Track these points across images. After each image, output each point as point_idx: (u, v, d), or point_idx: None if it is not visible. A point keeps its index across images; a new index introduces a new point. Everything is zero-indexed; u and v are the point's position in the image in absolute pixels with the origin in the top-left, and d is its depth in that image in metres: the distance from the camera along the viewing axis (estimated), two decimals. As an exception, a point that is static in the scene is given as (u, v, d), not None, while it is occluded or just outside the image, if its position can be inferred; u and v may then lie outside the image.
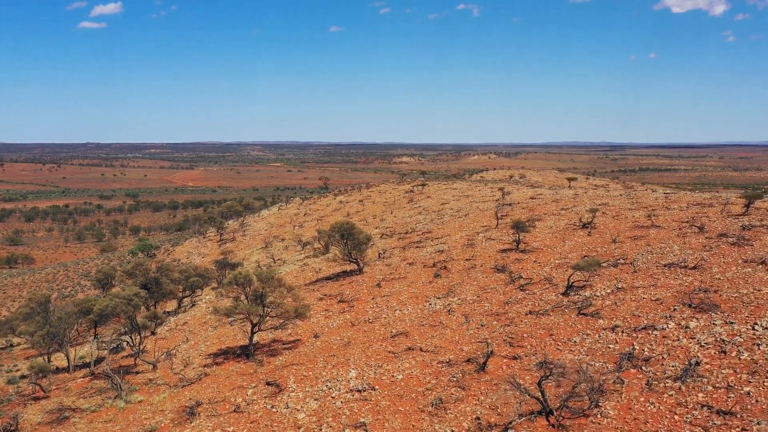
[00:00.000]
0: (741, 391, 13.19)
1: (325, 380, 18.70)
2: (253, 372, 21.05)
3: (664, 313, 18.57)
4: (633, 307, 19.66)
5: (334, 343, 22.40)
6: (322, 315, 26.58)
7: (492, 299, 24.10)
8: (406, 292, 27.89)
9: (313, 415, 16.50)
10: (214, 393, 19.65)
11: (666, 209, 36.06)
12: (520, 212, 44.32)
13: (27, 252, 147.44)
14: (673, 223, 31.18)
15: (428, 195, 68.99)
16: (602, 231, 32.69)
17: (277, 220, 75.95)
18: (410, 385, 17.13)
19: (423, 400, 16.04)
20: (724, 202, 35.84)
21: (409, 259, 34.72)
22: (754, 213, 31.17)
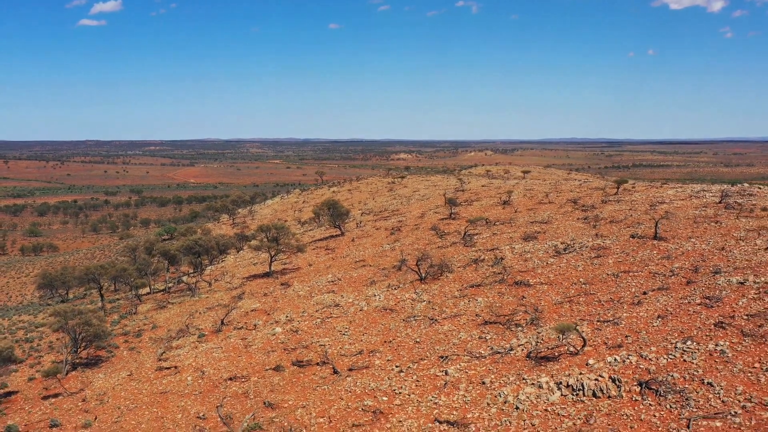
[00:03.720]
0: (528, 267, 27.77)
1: (314, 280, 33.31)
2: (272, 281, 35.64)
3: (508, 243, 33.15)
4: (494, 241, 34.23)
5: (320, 267, 37.04)
6: (314, 255, 41.26)
7: (420, 243, 38.62)
8: (369, 243, 42.49)
9: (308, 291, 31.09)
10: (251, 291, 34.24)
11: (570, 192, 50.49)
12: (468, 195, 58.80)
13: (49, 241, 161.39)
14: (562, 200, 45.70)
15: (405, 185, 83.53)
16: (514, 206, 47.15)
17: (281, 207, 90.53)
18: (360, 277, 31.74)
19: (365, 282, 30.62)
20: (604, 186, 50.51)
21: (377, 227, 49.27)
22: (621, 193, 45.73)
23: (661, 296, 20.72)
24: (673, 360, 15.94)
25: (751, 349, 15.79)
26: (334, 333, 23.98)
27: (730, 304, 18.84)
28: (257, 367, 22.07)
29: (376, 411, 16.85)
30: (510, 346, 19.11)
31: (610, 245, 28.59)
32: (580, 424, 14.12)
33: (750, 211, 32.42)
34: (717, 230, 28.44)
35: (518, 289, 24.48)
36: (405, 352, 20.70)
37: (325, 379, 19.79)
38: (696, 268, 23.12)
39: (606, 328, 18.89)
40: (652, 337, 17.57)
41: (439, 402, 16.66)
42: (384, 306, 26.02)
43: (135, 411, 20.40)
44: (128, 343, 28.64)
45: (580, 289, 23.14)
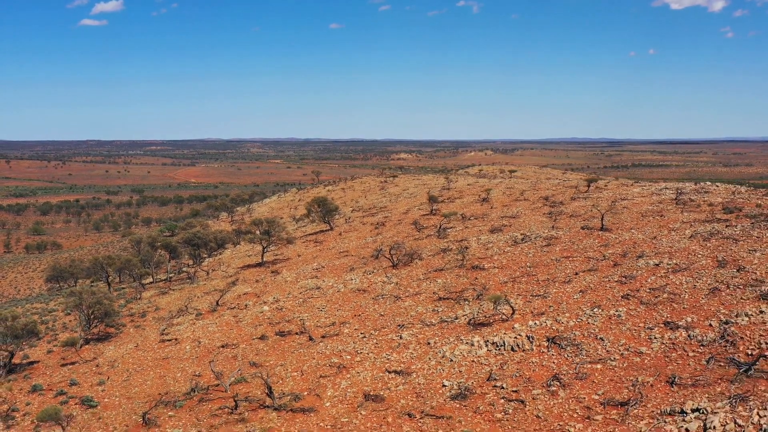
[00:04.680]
0: (487, 255, 31.47)
1: (301, 268, 37.01)
2: (264, 270, 39.35)
3: (476, 235, 36.80)
4: (465, 234, 37.88)
5: (308, 257, 40.75)
6: (303, 247, 44.97)
7: (399, 236, 42.28)
8: (354, 236, 46.17)
9: (294, 277, 34.80)
10: (244, 278, 37.93)
11: (546, 190, 54.10)
12: (452, 194, 62.47)
13: (53, 239, 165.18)
14: (536, 198, 49.34)
15: (396, 184, 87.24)
16: (491, 203, 50.79)
17: (277, 205, 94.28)
18: (341, 265, 35.43)
19: (345, 269, 34.32)
20: (573, 184, 54.15)
21: (364, 222, 52.96)
22: (592, 191, 49.35)
23: (589, 276, 24.40)
24: (579, 323, 19.63)
25: (642, 313, 19.47)
26: (313, 310, 27.67)
27: (640, 281, 22.51)
28: (245, 337, 25.76)
29: (340, 366, 20.54)
30: (456, 316, 22.80)
31: (561, 236, 32.25)
32: (495, 370, 17.80)
33: (697, 206, 36.02)
34: (657, 222, 32.09)
35: (474, 272, 28.14)
36: (370, 322, 24.39)
37: (302, 345, 23.47)
38: (625, 253, 26.79)
39: (535, 301, 22.58)
40: (569, 306, 21.25)
41: (390, 358, 20.34)
42: (358, 288, 29.72)
43: (141, 372, 24.10)
44: (134, 323, 32.32)
45: (525, 272, 26.81)
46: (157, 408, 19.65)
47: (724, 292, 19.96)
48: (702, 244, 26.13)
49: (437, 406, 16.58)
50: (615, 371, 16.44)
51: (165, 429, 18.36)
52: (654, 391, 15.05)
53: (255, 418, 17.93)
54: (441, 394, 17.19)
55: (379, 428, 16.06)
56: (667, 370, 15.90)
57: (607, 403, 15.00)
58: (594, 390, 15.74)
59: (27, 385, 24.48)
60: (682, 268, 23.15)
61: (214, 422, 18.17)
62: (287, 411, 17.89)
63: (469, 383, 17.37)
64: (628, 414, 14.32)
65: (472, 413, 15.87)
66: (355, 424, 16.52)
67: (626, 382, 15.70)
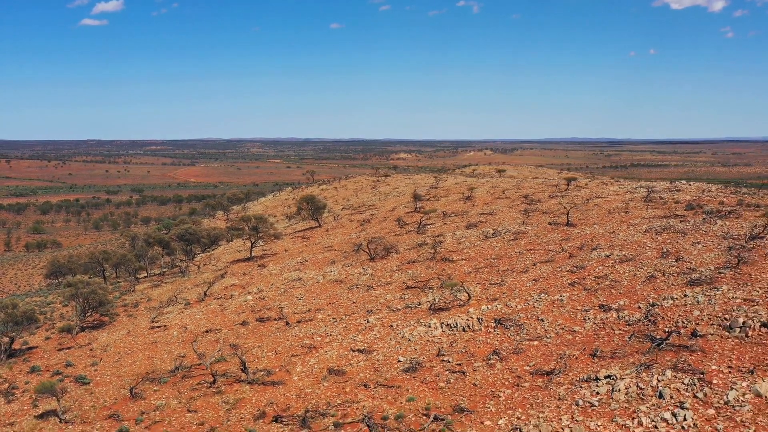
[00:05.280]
0: (458, 248, 33.48)
1: (286, 262, 39.05)
2: (252, 264, 41.39)
3: (452, 231, 38.80)
4: (443, 229, 39.89)
5: (294, 252, 42.78)
6: (291, 243, 47.01)
7: (382, 232, 44.29)
8: (340, 232, 48.19)
9: (279, 270, 36.84)
10: (233, 271, 39.97)
11: (528, 188, 56.07)
12: (439, 192, 64.45)
13: (53, 238, 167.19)
14: (517, 196, 51.34)
15: (388, 183, 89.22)
16: (474, 200, 52.78)
17: (272, 204, 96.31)
18: (324, 259, 37.48)
19: (327, 262, 36.35)
20: (554, 183, 56.14)
21: (351, 219, 54.96)
22: (571, 190, 51.31)
23: (544, 266, 26.43)
24: (526, 306, 21.66)
25: (582, 298, 21.49)
26: (293, 298, 29.71)
27: (589, 270, 24.54)
28: (228, 323, 27.79)
29: (311, 346, 22.57)
30: (419, 302, 24.83)
31: (528, 230, 34.27)
32: (445, 347, 19.83)
33: (664, 203, 38.01)
34: (620, 218, 34.08)
35: (443, 264, 30.16)
36: (342, 309, 26.42)
37: (279, 329, 25.50)
38: (582, 246, 28.80)
39: (492, 288, 24.61)
40: (520, 293, 23.28)
41: (356, 339, 22.37)
42: (336, 279, 31.75)
43: (131, 354, 26.12)
44: (127, 312, 34.35)
45: (489, 263, 28.83)
46: (144, 384, 21.68)
47: (659, 280, 21.99)
48: (653, 237, 28.15)
49: (390, 378, 18.61)
50: (548, 347, 18.47)
51: (150, 401, 20.38)
52: (577, 362, 17.07)
53: (230, 391, 19.96)
54: (395, 368, 19.22)
55: (337, 397, 18.08)
56: (594, 345, 17.91)
57: (536, 372, 17.03)
58: (527, 362, 17.76)
59: (26, 366, 26.51)
60: (629, 258, 25.17)
61: (193, 395, 20.20)
62: (259, 384, 19.92)
63: (420, 358, 19.40)
64: (552, 381, 16.34)
65: (419, 383, 17.90)
66: (317, 393, 18.55)
67: (555, 356, 17.72)
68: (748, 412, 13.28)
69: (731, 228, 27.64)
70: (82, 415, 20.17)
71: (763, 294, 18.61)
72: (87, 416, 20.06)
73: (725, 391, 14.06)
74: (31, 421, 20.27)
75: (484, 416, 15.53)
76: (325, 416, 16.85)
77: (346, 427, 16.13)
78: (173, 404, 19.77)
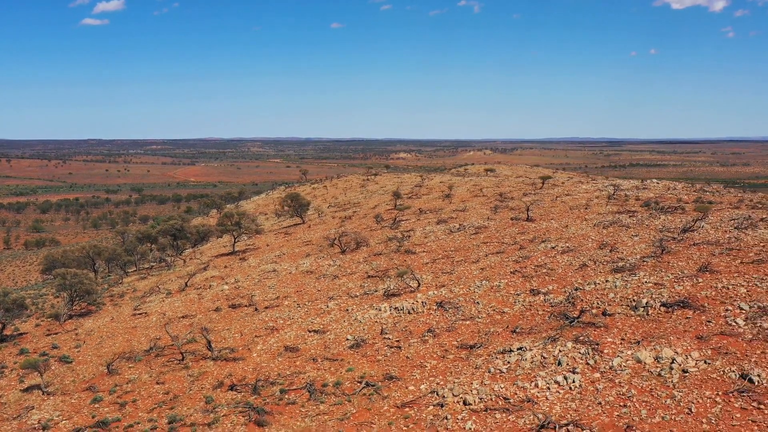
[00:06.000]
0: (424, 242, 35.65)
1: (265, 255, 41.24)
2: (234, 258, 43.57)
3: (423, 226, 40.94)
4: (415, 225, 42.03)
5: (275, 246, 44.97)
6: (273, 238, 49.20)
7: (361, 228, 46.45)
8: (321, 228, 50.37)
9: (257, 263, 39.02)
10: (215, 264, 42.16)
11: (507, 186, 58.18)
12: (423, 190, 66.58)
13: (51, 236, 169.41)
14: (492, 194, 53.48)
15: (377, 182, 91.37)
16: (452, 198, 54.91)
17: (264, 202, 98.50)
18: (300, 252, 39.66)
19: (303, 255, 38.53)
20: (531, 182, 58.31)
21: (334, 216, 57.14)
22: (546, 187, 53.41)
23: (494, 257, 28.58)
24: (467, 292, 23.82)
25: (518, 284, 23.66)
26: (265, 287, 31.90)
27: (532, 260, 26.69)
28: (203, 310, 29.99)
29: (273, 328, 24.76)
30: (376, 289, 27.01)
31: (490, 225, 36.43)
32: (390, 326, 22.00)
33: (625, 200, 40.10)
34: (579, 214, 36.24)
35: (405, 256, 32.33)
36: (307, 296, 28.60)
37: (248, 314, 27.68)
38: (534, 239, 30.95)
39: (442, 276, 26.78)
40: (466, 280, 25.44)
41: (314, 321, 24.55)
42: (307, 270, 33.94)
43: (112, 338, 28.31)
44: (113, 301, 36.54)
45: (446, 255, 30.99)
46: (120, 362, 23.86)
47: (590, 268, 24.15)
48: (599, 231, 30.31)
49: (336, 353, 20.78)
50: (478, 325, 20.63)
51: (124, 376, 22.57)
52: (498, 337, 19.23)
53: (196, 366, 22.14)
54: (343, 345, 21.39)
55: (288, 369, 20.26)
56: (517, 323, 20.07)
57: (461, 346, 19.19)
58: (455, 338, 19.93)
59: (15, 349, 28.71)
60: (570, 249, 27.33)
61: (163, 370, 22.39)
62: (222, 360, 22.10)
63: (365, 337, 21.58)
64: (473, 353, 18.51)
65: (360, 357, 20.07)
66: (271, 367, 20.73)
67: (482, 333, 19.88)
68: (627, 375, 15.43)
69: (671, 222, 29.79)
70: (62, 388, 22.36)
71: (672, 279, 20.77)
72: (67, 389, 22.25)
73: (612, 358, 16.21)
74: (17, 394, 22.45)
75: (409, 382, 17.70)
76: (274, 385, 19.03)
77: (290, 392, 18.30)
78: (144, 378, 21.96)
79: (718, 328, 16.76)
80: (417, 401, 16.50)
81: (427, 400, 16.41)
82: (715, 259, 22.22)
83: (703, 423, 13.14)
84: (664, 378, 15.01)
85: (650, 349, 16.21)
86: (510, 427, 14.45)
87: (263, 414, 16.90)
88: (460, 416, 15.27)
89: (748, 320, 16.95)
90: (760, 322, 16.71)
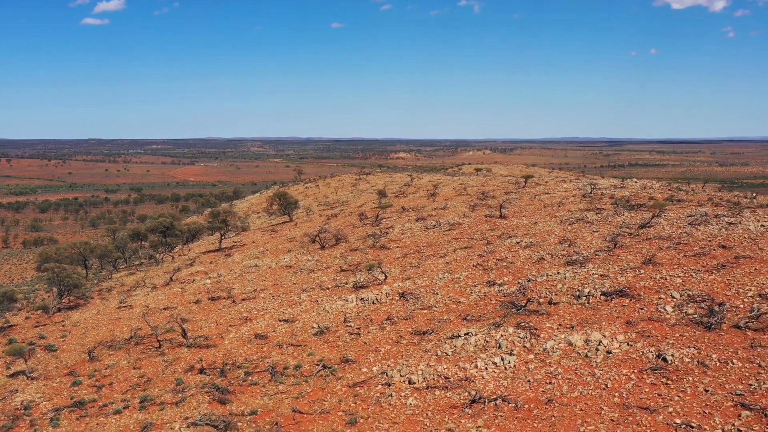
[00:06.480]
0: (399, 238, 37.02)
1: (249, 251, 42.61)
2: (220, 254, 44.96)
3: (402, 223, 42.29)
4: (395, 222, 43.38)
5: (260, 243, 46.36)
6: (260, 235, 50.59)
7: (344, 225, 47.81)
8: (307, 226, 51.74)
9: (241, 258, 40.41)
10: (201, 260, 43.54)
11: (491, 186, 59.48)
12: (411, 189, 67.93)
13: (50, 235, 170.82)
14: (475, 192, 54.83)
15: (368, 181, 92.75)
16: (436, 197, 56.24)
17: (257, 201, 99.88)
18: (283, 248, 41.05)
19: (284, 251, 39.89)
20: (515, 181, 59.69)
21: (321, 214, 58.50)
22: (528, 187, 54.77)
23: (462, 252, 29.93)
24: (429, 283, 25.18)
25: (477, 276, 25.02)
26: (244, 281, 33.28)
27: (495, 254, 28.05)
28: (185, 302, 31.36)
29: (247, 318, 26.14)
30: (347, 282, 28.37)
31: (464, 222, 37.78)
32: (353, 315, 23.37)
33: (599, 198, 41.42)
34: (550, 212, 37.57)
35: (379, 251, 33.70)
36: (283, 289, 29.97)
37: (226, 306, 29.06)
38: (502, 235, 32.31)
39: (410, 270, 28.16)
40: (431, 273, 26.80)
41: (285, 312, 25.92)
42: (287, 264, 35.32)
43: (97, 328, 29.70)
44: (101, 295, 37.92)
45: (418, 250, 32.36)
46: (101, 349, 25.24)
47: (546, 261, 25.51)
48: (564, 227, 31.67)
49: (301, 339, 22.16)
50: (434, 314, 21.99)
51: (104, 362, 23.95)
52: (450, 324, 20.59)
53: (171, 353, 23.52)
54: (308, 333, 22.77)
55: (255, 354, 21.64)
56: (469, 311, 21.43)
57: (414, 332, 20.56)
58: (411, 326, 21.29)
59: (4, 339, 30.08)
60: (532, 244, 28.69)
61: (141, 356, 23.77)
62: (196, 347, 23.48)
63: (330, 325, 22.95)
64: (424, 339, 19.87)
65: (322, 343, 21.45)
66: (240, 353, 22.11)
67: (436, 320, 21.25)
68: (557, 356, 16.79)
69: (633, 219, 31.14)
70: (46, 374, 23.74)
71: (617, 270, 22.14)
72: (50, 374, 23.63)
73: (546, 341, 17.57)
74: (2, 379, 23.83)
75: (363, 365, 19.06)
76: (240, 368, 20.41)
77: (254, 375, 19.68)
78: (122, 364, 23.35)
79: (648, 315, 18.12)
80: (368, 381, 17.86)
81: (377, 380, 17.77)
82: (662, 252, 23.59)
83: (615, 396, 14.50)
84: (589, 358, 16.37)
85: (582, 333, 17.57)
86: (446, 402, 15.80)
87: (226, 393, 18.27)
88: (403, 393, 16.64)
89: (676, 307, 18.32)
90: (686, 308, 18.08)
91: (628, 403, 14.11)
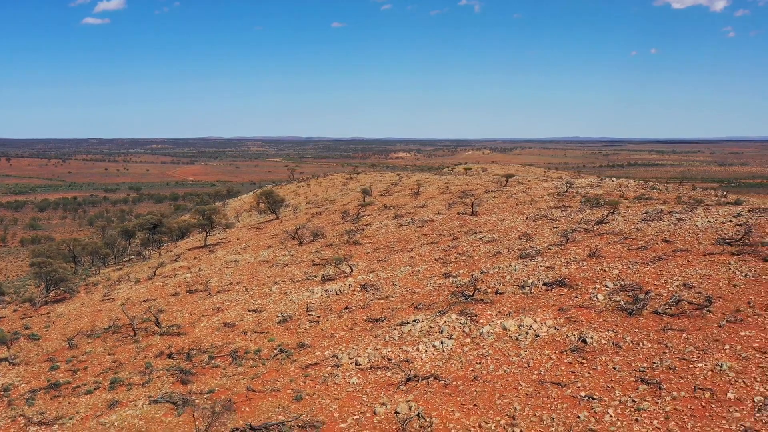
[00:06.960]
0: (374, 234, 38.43)
1: (232, 248, 44.03)
2: (204, 250, 46.38)
3: (380, 220, 43.68)
4: (374, 219, 44.79)
5: (244, 240, 47.80)
6: (245, 232, 52.03)
7: (326, 222, 49.23)
8: (291, 223, 53.16)
9: (223, 254, 41.82)
10: (186, 256, 44.96)
11: (475, 184, 60.83)
12: (397, 188, 69.33)
13: (47, 234, 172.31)
14: (457, 191, 56.22)
15: (358, 180, 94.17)
16: (419, 195, 57.64)
17: (249, 200, 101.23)
18: (264, 244, 42.46)
19: (264, 247, 41.30)
20: (498, 180, 61.13)
21: (307, 212, 59.94)
22: (509, 185, 56.14)
23: (427, 247, 31.35)
24: (390, 276, 26.61)
25: (435, 269, 26.43)
26: (222, 275, 34.71)
27: (458, 248, 29.46)
28: (164, 295, 32.80)
29: (219, 309, 27.57)
30: (316, 275, 29.80)
31: (437, 219, 39.19)
32: (316, 305, 24.80)
33: (573, 197, 42.79)
34: (520, 209, 38.94)
35: (352, 247, 35.13)
36: (257, 282, 31.41)
37: (202, 298, 30.49)
38: (469, 231, 33.71)
39: (376, 263, 29.58)
40: (395, 267, 28.23)
41: (256, 303, 27.35)
42: (264, 260, 36.76)
43: (79, 320, 31.14)
44: (87, 289, 39.37)
45: (388, 245, 33.78)
46: (81, 338, 26.69)
47: (503, 255, 26.92)
48: (528, 224, 33.07)
49: (265, 327, 23.59)
50: (390, 303, 23.42)
51: (82, 349, 25.39)
52: (402, 312, 22.01)
53: (145, 340, 24.96)
54: (272, 321, 24.20)
55: (222, 340, 23.08)
56: (422, 300, 22.85)
57: (369, 320, 21.98)
58: (367, 314, 22.71)
59: (-9, 330, 31.53)
60: (494, 240, 30.10)
61: (116, 344, 25.21)
62: (168, 335, 24.92)
63: (293, 314, 24.39)
64: (376, 325, 21.29)
65: (284, 330, 22.88)
66: (208, 339, 23.55)
67: (390, 309, 22.67)
68: (491, 339, 18.20)
69: (593, 215, 32.54)
70: (26, 360, 25.18)
71: (563, 263, 23.55)
72: (30, 360, 25.07)
73: (483, 326, 18.98)
74: (-14, 365, 25.28)
75: (317, 349, 20.49)
76: (205, 353, 21.84)
77: (217, 359, 21.12)
78: (98, 350, 24.79)
79: (580, 302, 19.54)
80: (319, 364, 19.29)
81: (327, 363, 19.19)
82: (608, 246, 25.00)
83: (534, 374, 15.91)
84: (519, 341, 17.78)
85: (516, 319, 18.99)
86: (385, 380, 17.22)
87: (189, 375, 19.70)
88: (348, 374, 18.06)
89: (607, 296, 19.74)
90: (615, 297, 19.50)
91: (543, 379, 15.53)
